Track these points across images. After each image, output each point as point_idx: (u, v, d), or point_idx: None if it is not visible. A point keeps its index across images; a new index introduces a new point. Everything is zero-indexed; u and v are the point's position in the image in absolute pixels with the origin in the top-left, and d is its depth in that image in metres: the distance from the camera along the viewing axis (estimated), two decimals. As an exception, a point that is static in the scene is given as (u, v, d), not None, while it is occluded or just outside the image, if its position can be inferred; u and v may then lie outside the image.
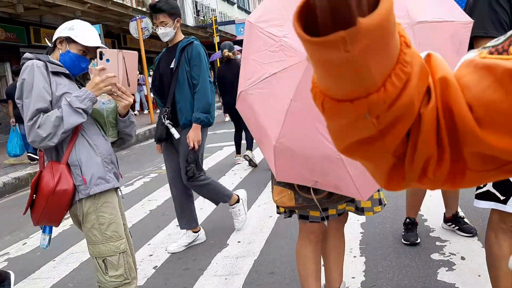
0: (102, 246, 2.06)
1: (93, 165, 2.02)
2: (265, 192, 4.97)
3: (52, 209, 1.99)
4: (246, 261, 3.28)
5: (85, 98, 1.94)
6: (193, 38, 3.55)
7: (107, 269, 2.07)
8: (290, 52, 1.48)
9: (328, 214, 2.13)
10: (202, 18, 26.39)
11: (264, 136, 1.66)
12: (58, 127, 1.91)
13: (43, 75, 1.96)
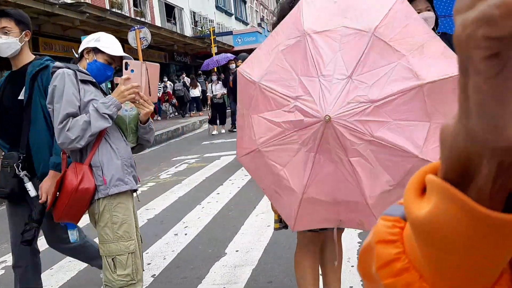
0: (113, 245, 2.14)
1: (113, 167, 2.14)
2: (263, 202, 4.98)
3: (74, 206, 2.10)
4: (244, 270, 3.29)
5: (111, 104, 2.09)
6: (49, 60, 2.66)
7: (116, 267, 2.14)
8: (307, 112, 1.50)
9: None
10: (200, 28, 26.53)
11: (283, 188, 1.67)
12: (85, 130, 2.04)
13: (72, 82, 2.10)
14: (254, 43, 25.18)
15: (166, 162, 8.64)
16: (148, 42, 13.08)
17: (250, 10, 40.48)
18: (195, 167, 7.77)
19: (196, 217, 4.75)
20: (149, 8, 21.23)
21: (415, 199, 0.34)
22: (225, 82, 12.52)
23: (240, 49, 25.12)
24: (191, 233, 4.25)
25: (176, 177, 7.03)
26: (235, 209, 4.88)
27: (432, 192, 0.32)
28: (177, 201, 5.54)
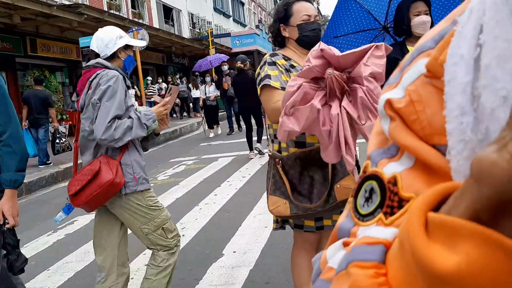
0: (157, 219, 2.41)
1: (140, 167, 2.37)
2: (260, 203, 4.98)
3: (101, 197, 2.26)
4: (242, 271, 3.29)
5: (151, 118, 2.35)
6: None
7: (166, 233, 2.45)
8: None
9: (323, 224, 2.16)
10: (198, 30, 26.55)
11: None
12: (126, 134, 2.23)
13: (123, 87, 2.30)
14: (252, 45, 25.23)
15: (164, 163, 8.64)
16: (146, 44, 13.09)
17: (248, 12, 40.53)
18: (192, 168, 7.77)
19: (193, 218, 4.75)
20: (147, 10, 21.24)
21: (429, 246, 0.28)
22: (218, 84, 12.14)
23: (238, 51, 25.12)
24: (189, 234, 4.25)
25: (174, 179, 7.03)
26: (233, 211, 4.88)
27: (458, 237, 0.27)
28: (175, 202, 5.54)
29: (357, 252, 0.36)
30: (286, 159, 2.06)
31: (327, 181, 2.02)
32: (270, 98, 2.02)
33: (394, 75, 0.43)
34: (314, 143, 2.05)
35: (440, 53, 0.37)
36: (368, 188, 0.40)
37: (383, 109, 0.41)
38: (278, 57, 2.14)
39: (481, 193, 0.27)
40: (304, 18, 2.14)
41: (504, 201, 0.26)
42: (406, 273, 0.31)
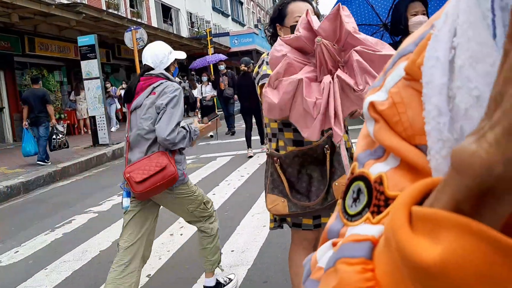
0: (199, 197, 2.81)
1: (185, 165, 2.77)
2: (259, 202, 4.98)
3: (161, 187, 2.56)
4: (240, 270, 3.29)
5: (196, 135, 2.75)
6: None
7: (206, 205, 2.88)
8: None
9: (321, 222, 2.16)
10: (197, 29, 26.52)
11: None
12: (181, 141, 2.60)
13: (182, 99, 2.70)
14: (251, 44, 25.21)
15: (162, 162, 8.62)
16: (145, 43, 13.03)
17: (247, 12, 40.52)
18: (191, 167, 7.76)
19: (191, 218, 4.75)
20: (145, 9, 21.22)
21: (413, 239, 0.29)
22: (215, 84, 11.90)
23: (236, 50, 25.14)
24: (187, 234, 4.24)
25: (172, 178, 7.01)
26: (231, 210, 4.88)
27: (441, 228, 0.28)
28: (173, 202, 5.52)
29: (345, 249, 0.36)
30: (284, 157, 2.06)
31: (325, 179, 2.02)
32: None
33: (378, 78, 0.44)
34: (312, 141, 2.05)
35: (418, 56, 0.38)
36: (355, 189, 0.41)
37: (367, 112, 0.42)
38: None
39: (461, 184, 0.28)
40: (297, 20, 2.14)
41: (484, 191, 0.27)
42: (392, 268, 0.31)
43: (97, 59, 10.71)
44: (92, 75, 10.78)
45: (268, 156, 2.16)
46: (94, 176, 8.28)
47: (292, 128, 2.09)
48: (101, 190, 6.70)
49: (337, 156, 2.03)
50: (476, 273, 0.26)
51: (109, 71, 18.02)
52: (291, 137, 2.10)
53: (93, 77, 10.79)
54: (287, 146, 2.09)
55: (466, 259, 0.26)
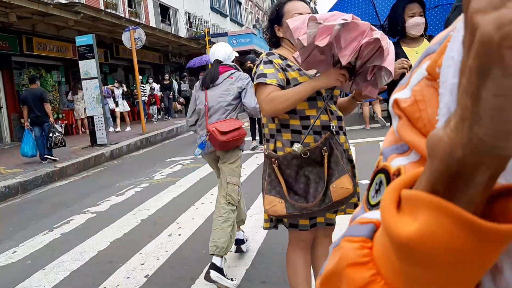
0: (236, 178, 3.38)
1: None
2: (256, 203, 4.98)
3: (235, 142, 3.28)
4: (238, 271, 3.29)
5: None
6: None
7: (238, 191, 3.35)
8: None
9: (316, 222, 2.17)
10: (195, 30, 26.51)
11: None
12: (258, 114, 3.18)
13: None
14: (249, 44, 25.22)
15: (160, 163, 8.62)
16: (143, 43, 13.05)
17: (245, 12, 40.51)
18: (189, 168, 7.76)
19: (190, 218, 4.75)
20: (143, 9, 21.20)
21: (395, 217, 0.32)
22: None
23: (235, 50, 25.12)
24: (185, 234, 4.25)
25: (170, 178, 7.02)
26: (229, 210, 4.87)
27: (418, 208, 0.31)
28: (171, 202, 5.53)
29: (350, 230, 0.41)
30: (282, 158, 2.06)
31: (322, 181, 2.02)
32: (264, 93, 2.04)
33: (406, 76, 0.47)
34: (310, 143, 2.06)
35: (439, 57, 0.40)
36: (378, 181, 0.44)
37: (392, 108, 0.45)
38: (274, 56, 2.15)
39: (433, 167, 0.31)
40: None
41: (452, 174, 0.30)
42: (383, 247, 0.35)
43: (95, 59, 10.70)
44: (90, 75, 10.77)
45: (266, 156, 2.16)
46: (92, 176, 8.27)
47: (290, 130, 2.11)
48: (99, 190, 6.70)
49: (334, 158, 2.04)
50: (446, 247, 0.29)
51: (107, 71, 18.00)
52: (289, 138, 2.11)
53: (91, 77, 10.78)
54: (285, 147, 2.10)
55: (437, 234, 0.29)
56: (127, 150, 10.60)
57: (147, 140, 11.77)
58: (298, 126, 2.10)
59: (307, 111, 2.11)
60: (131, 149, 10.79)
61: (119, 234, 4.48)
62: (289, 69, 2.11)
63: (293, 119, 2.11)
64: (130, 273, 3.48)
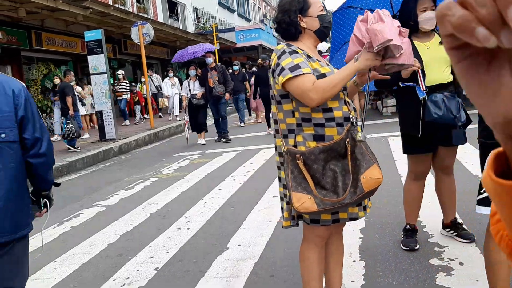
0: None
1: None
2: (264, 197, 5.00)
3: None
4: (247, 264, 3.31)
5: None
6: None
7: None
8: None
9: (339, 217, 2.15)
10: (203, 25, 26.51)
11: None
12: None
13: None
14: (257, 39, 25.17)
15: (169, 158, 8.66)
16: (151, 38, 13.07)
17: (253, 7, 40.41)
18: (197, 163, 7.79)
19: (198, 212, 4.78)
20: (151, 4, 21.22)
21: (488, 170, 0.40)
22: (202, 80, 9.91)
23: (242, 45, 25.10)
24: (194, 228, 4.27)
25: (179, 173, 7.06)
26: (237, 205, 4.90)
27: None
28: (180, 196, 5.56)
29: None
30: (308, 153, 2.00)
31: (348, 173, 2.00)
32: (308, 83, 1.98)
33: None
34: (333, 135, 2.04)
35: None
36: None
37: None
38: (294, 47, 2.10)
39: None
40: (321, 9, 2.15)
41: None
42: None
43: (104, 54, 10.74)
44: (99, 70, 10.82)
45: (286, 153, 2.08)
46: (101, 170, 8.33)
47: (313, 123, 2.06)
48: (108, 184, 6.75)
49: (359, 149, 2.03)
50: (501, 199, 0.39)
51: (115, 66, 18.06)
52: (311, 132, 2.06)
53: (100, 72, 10.83)
54: (307, 142, 2.05)
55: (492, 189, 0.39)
56: (136, 145, 10.65)
57: (155, 135, 11.82)
58: (321, 119, 2.05)
59: (330, 103, 2.06)
60: (140, 144, 10.84)
61: (129, 227, 4.52)
62: (310, 60, 2.08)
63: (315, 112, 2.05)
64: (139, 266, 3.51)
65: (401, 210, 3.75)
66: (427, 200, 3.81)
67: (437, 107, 2.83)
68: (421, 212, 3.41)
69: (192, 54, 13.12)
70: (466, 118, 2.93)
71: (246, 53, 27.25)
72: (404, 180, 3.51)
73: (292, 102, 2.10)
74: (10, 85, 1.88)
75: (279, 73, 2.05)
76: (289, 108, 2.12)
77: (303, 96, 2.00)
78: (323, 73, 2.06)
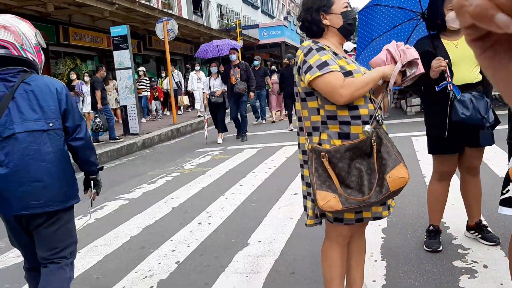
0: None
1: None
2: (285, 195, 5.00)
3: None
4: (267, 261, 3.32)
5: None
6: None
7: None
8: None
9: (362, 217, 2.13)
10: (226, 21, 26.58)
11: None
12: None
13: None
14: (280, 36, 25.12)
15: (190, 153, 8.74)
16: (175, 34, 13.18)
17: (277, 4, 40.29)
18: (218, 159, 7.84)
19: (219, 207, 4.81)
20: (176, 0, 21.37)
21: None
22: (224, 77, 9.76)
23: (265, 42, 25.08)
24: (215, 223, 4.31)
25: (200, 168, 7.11)
26: (258, 201, 4.92)
27: None
28: (201, 191, 5.61)
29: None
30: (334, 152, 1.99)
31: (374, 172, 1.98)
32: (338, 80, 1.98)
33: None
34: (359, 133, 2.02)
35: None
36: None
37: None
38: (320, 43, 2.10)
39: None
40: (346, 6, 2.13)
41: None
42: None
43: (129, 50, 10.89)
44: (124, 65, 10.98)
45: (311, 151, 2.06)
46: (125, 164, 8.46)
47: (339, 121, 2.04)
48: (132, 178, 6.85)
49: (385, 148, 2.00)
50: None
51: (140, 61, 18.28)
52: (336, 130, 2.04)
53: (125, 67, 10.99)
54: (332, 139, 2.04)
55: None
56: (159, 140, 10.78)
57: (178, 131, 11.93)
58: (346, 117, 2.03)
59: (356, 101, 2.04)
60: (162, 139, 10.97)
61: (151, 221, 4.58)
62: (336, 57, 2.07)
63: (341, 109, 2.03)
64: (161, 259, 3.56)
65: (424, 211, 3.70)
66: (451, 202, 3.75)
67: (464, 107, 2.78)
68: (445, 213, 3.36)
69: (216, 49, 12.38)
70: (495, 118, 2.86)
71: (269, 50, 27.21)
72: (428, 181, 3.46)
73: (318, 99, 2.09)
74: (54, 85, 2.34)
75: (306, 71, 2.04)
76: (314, 106, 2.10)
77: (332, 93, 1.99)
78: (349, 71, 2.05)
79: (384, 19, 3.41)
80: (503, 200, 2.04)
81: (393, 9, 3.37)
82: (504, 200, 2.04)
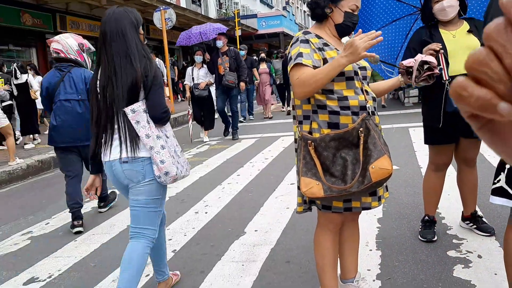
0: None
1: None
2: (282, 185, 5.02)
3: None
4: (263, 249, 3.34)
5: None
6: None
7: None
8: None
9: (351, 206, 2.15)
10: (225, 11, 26.44)
11: None
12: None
13: None
14: (279, 26, 25.01)
15: (188, 143, 8.73)
16: (173, 23, 13.09)
17: (276, -6, 40.04)
18: (216, 148, 7.84)
19: (216, 197, 4.82)
20: (174, -11, 21.22)
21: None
22: (211, 67, 8.45)
23: (264, 32, 24.96)
24: (212, 212, 4.32)
25: (198, 158, 7.11)
26: (255, 191, 4.93)
27: None
28: (198, 181, 5.61)
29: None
30: (319, 140, 2.02)
31: (359, 162, 1.99)
32: (296, 75, 1.99)
33: None
34: (348, 123, 2.03)
35: None
36: None
37: None
38: (311, 35, 2.10)
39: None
40: (353, 8, 2.10)
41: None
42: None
43: (127, 38, 10.79)
44: (121, 54, 10.88)
45: (300, 139, 2.11)
46: (122, 153, 8.43)
47: (328, 111, 2.06)
48: (128, 167, 6.84)
49: (372, 139, 2.01)
50: None
51: (137, 50, 18.15)
52: (326, 119, 2.06)
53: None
54: (321, 129, 2.06)
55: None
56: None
57: (175, 120, 11.90)
58: (335, 107, 2.04)
59: (345, 92, 2.05)
60: (160, 128, 10.93)
61: (147, 210, 4.58)
62: (326, 48, 2.07)
63: (330, 99, 2.05)
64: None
65: (420, 201, 3.72)
66: (447, 192, 3.77)
67: None
68: (441, 203, 3.38)
69: (198, 35, 10.84)
70: None
71: (268, 40, 27.10)
72: (424, 171, 3.47)
73: None
74: (84, 74, 4.14)
75: (289, 61, 2.08)
76: None
77: (292, 87, 2.04)
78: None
79: (383, 11, 3.39)
80: (495, 189, 2.05)
81: (393, 1, 3.36)
82: (495, 190, 2.05)
